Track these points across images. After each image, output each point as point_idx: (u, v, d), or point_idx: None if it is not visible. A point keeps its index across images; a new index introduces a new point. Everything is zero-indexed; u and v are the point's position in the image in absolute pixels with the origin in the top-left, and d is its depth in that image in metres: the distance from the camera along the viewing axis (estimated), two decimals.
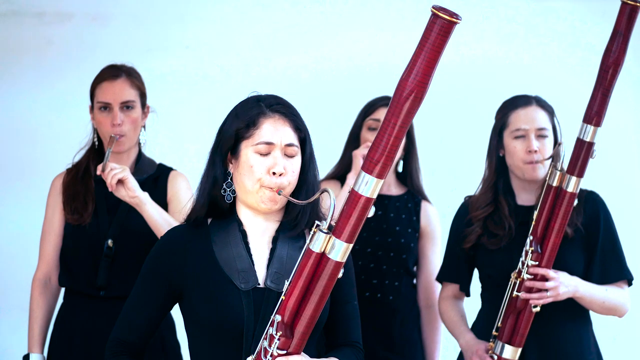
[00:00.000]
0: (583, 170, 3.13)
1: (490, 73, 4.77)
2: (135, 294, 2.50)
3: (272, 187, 2.40)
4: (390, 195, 3.78)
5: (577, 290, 3.18)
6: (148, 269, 2.49)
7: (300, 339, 2.28)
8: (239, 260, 2.42)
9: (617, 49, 3.02)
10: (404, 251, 3.70)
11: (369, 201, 2.20)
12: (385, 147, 2.15)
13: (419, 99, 2.14)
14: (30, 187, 4.28)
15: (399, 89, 2.14)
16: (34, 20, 4.61)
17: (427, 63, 2.13)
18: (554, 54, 4.83)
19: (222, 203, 2.47)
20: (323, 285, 2.26)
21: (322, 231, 2.24)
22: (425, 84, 2.13)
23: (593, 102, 3.09)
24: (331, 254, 2.24)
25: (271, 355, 2.27)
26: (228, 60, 4.70)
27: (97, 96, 3.42)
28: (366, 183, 2.18)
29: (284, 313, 2.27)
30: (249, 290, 2.39)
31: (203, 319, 2.40)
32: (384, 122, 2.15)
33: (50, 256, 3.44)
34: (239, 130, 2.43)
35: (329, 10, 4.74)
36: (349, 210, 2.20)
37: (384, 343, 3.68)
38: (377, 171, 2.17)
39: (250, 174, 2.41)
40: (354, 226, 2.22)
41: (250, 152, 2.42)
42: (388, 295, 3.69)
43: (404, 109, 2.14)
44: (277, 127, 2.42)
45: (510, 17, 4.85)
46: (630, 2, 2.97)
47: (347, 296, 2.51)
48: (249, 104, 2.46)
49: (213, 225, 2.48)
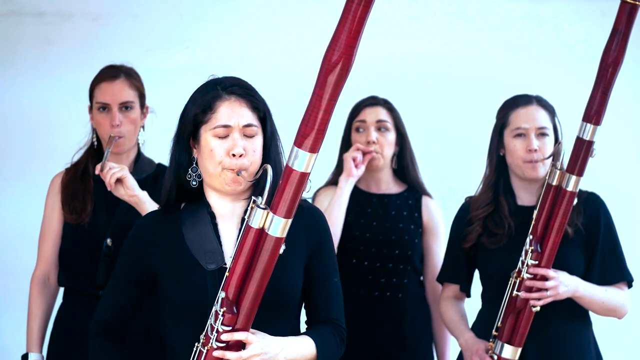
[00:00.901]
0: (583, 169, 3.13)
1: (490, 72, 4.77)
2: (113, 277, 2.57)
3: (233, 168, 2.43)
4: (390, 193, 3.78)
5: (576, 290, 3.18)
6: (123, 253, 2.56)
7: (246, 315, 2.31)
8: (207, 241, 2.46)
9: (617, 48, 3.02)
10: (409, 247, 3.71)
11: (304, 176, 2.22)
12: (314, 120, 2.18)
13: (344, 72, 2.15)
14: (30, 186, 4.28)
15: (324, 63, 2.16)
16: (34, 20, 4.61)
17: (352, 35, 2.13)
18: (554, 53, 4.82)
19: (190, 187, 2.51)
20: (265, 261, 2.29)
21: (259, 207, 2.27)
22: (350, 56, 2.14)
23: (593, 101, 3.08)
24: (270, 230, 2.27)
25: (217, 332, 2.30)
26: (228, 61, 4.70)
27: (96, 96, 3.42)
28: (298, 158, 2.21)
29: (229, 289, 2.31)
30: (214, 270, 2.43)
31: (172, 300, 2.45)
32: (312, 97, 2.18)
33: (49, 255, 3.45)
34: (197, 116, 2.47)
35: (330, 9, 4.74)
36: (284, 186, 2.23)
37: (396, 343, 3.68)
38: (308, 145, 2.19)
39: (211, 157, 2.44)
40: (290, 201, 2.24)
41: (209, 136, 2.45)
42: (397, 293, 3.69)
43: (329, 82, 2.15)
44: (234, 109, 2.45)
45: (510, 17, 4.85)
46: (630, 1, 2.96)
47: (327, 273, 2.52)
48: (206, 88, 2.50)
49: (185, 210, 2.52)
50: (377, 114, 3.74)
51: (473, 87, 4.76)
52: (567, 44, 4.83)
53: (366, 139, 3.70)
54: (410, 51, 4.82)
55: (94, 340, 2.56)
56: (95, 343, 2.56)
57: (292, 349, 2.38)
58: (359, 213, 3.72)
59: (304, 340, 2.43)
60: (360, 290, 3.68)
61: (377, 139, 3.70)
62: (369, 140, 3.69)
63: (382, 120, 3.73)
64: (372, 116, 3.74)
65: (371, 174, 3.75)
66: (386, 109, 3.77)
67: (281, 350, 2.36)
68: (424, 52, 4.83)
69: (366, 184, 3.77)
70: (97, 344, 2.56)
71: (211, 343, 2.32)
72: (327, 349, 2.46)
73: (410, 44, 4.82)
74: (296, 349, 2.40)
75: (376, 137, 3.70)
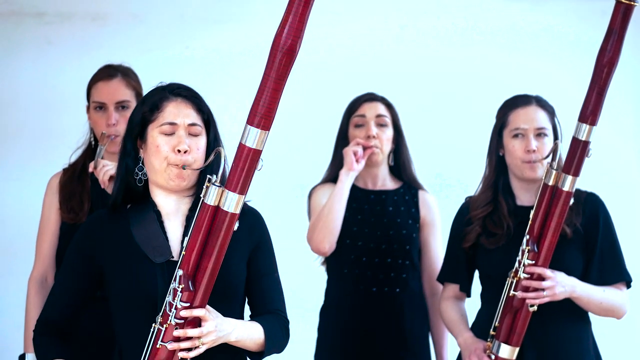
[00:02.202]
0: (579, 169, 3.13)
1: (489, 72, 4.77)
2: (60, 274, 2.64)
3: (178, 164, 2.52)
4: (386, 189, 3.78)
5: (574, 290, 3.18)
6: (71, 249, 2.63)
7: (203, 292, 2.41)
8: (154, 237, 2.54)
9: (612, 48, 3.02)
10: (407, 242, 3.71)
11: (257, 153, 2.35)
12: (265, 99, 2.33)
13: (292, 52, 2.32)
14: (30, 186, 4.28)
15: (274, 45, 2.33)
16: (34, 20, 4.62)
17: (299, 18, 2.31)
18: (554, 53, 4.82)
19: (137, 187, 2.59)
20: (220, 237, 2.39)
21: (214, 185, 2.38)
22: (297, 38, 2.33)
23: (588, 101, 3.08)
24: (225, 206, 2.38)
25: (175, 308, 2.39)
26: (228, 61, 4.70)
27: (92, 96, 3.44)
28: (251, 135, 2.35)
29: (186, 267, 2.40)
30: (163, 263, 2.51)
31: (121, 294, 2.52)
32: (263, 77, 2.34)
33: (46, 256, 3.45)
34: (144, 114, 2.57)
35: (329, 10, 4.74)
36: (237, 163, 2.36)
37: (394, 338, 3.68)
38: (260, 122, 2.34)
39: (157, 153, 2.53)
40: (244, 178, 2.37)
41: (156, 134, 2.55)
42: (395, 288, 3.69)
43: (277, 62, 2.33)
44: (180, 109, 2.56)
45: (509, 17, 4.85)
46: (625, 1, 2.96)
47: (268, 269, 2.63)
48: (154, 91, 2.62)
49: (131, 210, 2.61)
50: (376, 109, 3.74)
51: (473, 86, 4.76)
52: (567, 43, 4.83)
53: (366, 133, 3.69)
54: (409, 50, 4.82)
55: (38, 339, 2.62)
56: (38, 341, 2.62)
57: (242, 330, 2.49)
58: (356, 209, 3.72)
59: (252, 324, 2.53)
60: (359, 286, 3.68)
61: (377, 134, 3.70)
62: (369, 134, 3.68)
63: (382, 115, 3.73)
64: (371, 111, 3.73)
65: (368, 170, 3.74)
66: (385, 105, 3.77)
67: (233, 329, 2.47)
68: (422, 51, 4.83)
69: (363, 180, 3.77)
70: (40, 341, 2.62)
71: (170, 320, 2.40)
72: (274, 335, 2.56)
73: (409, 43, 4.82)
74: (246, 330, 2.51)
75: (376, 132, 3.69)
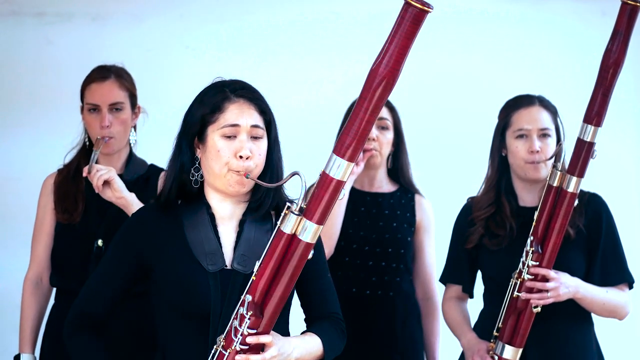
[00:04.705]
0: (584, 171, 3.13)
1: (491, 73, 4.77)
2: (104, 265, 2.55)
3: (240, 170, 2.44)
4: (383, 192, 3.77)
5: (577, 291, 3.18)
6: (119, 240, 2.55)
7: (270, 319, 2.35)
8: (207, 242, 2.47)
9: (617, 49, 3.02)
10: (401, 246, 3.70)
11: (340, 184, 2.27)
12: (357, 131, 2.23)
13: (390, 85, 2.22)
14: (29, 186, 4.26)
15: (371, 75, 2.22)
16: (34, 20, 4.61)
17: (399, 50, 2.21)
18: (555, 54, 4.82)
19: (190, 187, 2.52)
20: (293, 266, 2.33)
21: (293, 213, 2.30)
22: (396, 70, 2.22)
23: (593, 103, 3.08)
24: (302, 235, 2.31)
25: (242, 335, 2.32)
26: (228, 61, 4.70)
27: (86, 97, 3.42)
28: (338, 166, 2.26)
29: (255, 293, 2.33)
30: (216, 272, 2.45)
31: (170, 299, 2.45)
32: (356, 107, 2.23)
33: (41, 256, 3.45)
34: (204, 116, 2.48)
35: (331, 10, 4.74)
36: (321, 193, 2.27)
37: (388, 343, 3.68)
38: (348, 154, 2.24)
39: (218, 158, 2.45)
40: (325, 208, 2.29)
41: (216, 137, 2.46)
42: (388, 292, 3.68)
43: (376, 95, 2.22)
44: (242, 110, 2.47)
45: (510, 17, 4.85)
46: (631, 2, 2.96)
47: (320, 271, 2.57)
48: (214, 89, 2.51)
49: (183, 208, 2.53)
50: None
51: (473, 87, 4.76)
52: (567, 43, 4.83)
53: None
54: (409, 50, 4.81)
55: (77, 334, 2.53)
56: (74, 338, 2.54)
57: (302, 347, 2.45)
58: (352, 211, 3.71)
59: (310, 338, 2.48)
60: (352, 289, 3.67)
61: (377, 137, 3.69)
62: (370, 137, 3.68)
63: (383, 118, 3.72)
64: None
65: (366, 172, 3.73)
66: (387, 107, 3.75)
67: (293, 349, 2.42)
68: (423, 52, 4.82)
69: (360, 182, 3.76)
70: (80, 338, 2.53)
71: (235, 345, 2.34)
72: (332, 343, 2.53)
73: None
74: (305, 346, 2.46)
75: (376, 135, 3.69)
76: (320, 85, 4.75)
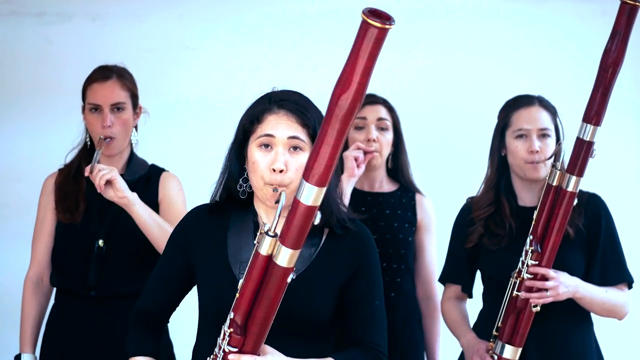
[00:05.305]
0: (583, 170, 3.13)
1: (491, 73, 4.77)
2: (158, 265, 2.53)
3: (273, 184, 2.35)
4: (383, 192, 3.77)
5: (577, 290, 3.18)
6: (170, 242, 2.53)
7: (253, 339, 2.23)
8: (245, 250, 2.41)
9: (617, 49, 3.01)
10: (402, 246, 3.70)
11: (311, 209, 2.12)
12: (324, 156, 2.08)
13: (353, 110, 2.04)
14: (30, 186, 4.27)
15: (334, 99, 2.05)
16: (34, 20, 4.61)
17: (363, 72, 2.02)
18: (554, 54, 4.82)
19: (238, 197, 2.45)
20: (272, 289, 2.20)
21: (268, 235, 2.18)
22: (361, 94, 2.03)
23: (592, 102, 3.08)
24: (277, 260, 2.18)
25: (223, 351, 2.25)
26: (228, 61, 4.70)
27: (87, 97, 3.42)
28: (308, 192, 2.12)
29: (236, 311, 2.23)
30: None
31: (200, 300, 2.43)
32: (321, 132, 2.07)
33: (42, 256, 3.45)
34: (245, 126, 2.42)
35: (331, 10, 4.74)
36: (291, 218, 2.15)
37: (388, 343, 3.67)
38: (315, 181, 2.09)
39: (255, 170, 2.38)
40: (298, 233, 2.14)
41: (254, 148, 2.39)
42: (389, 292, 3.68)
43: (339, 121, 2.06)
44: (280, 121, 2.38)
45: (510, 17, 4.85)
46: (630, 2, 2.96)
47: (366, 296, 2.42)
48: (259, 100, 2.44)
49: (234, 213, 2.48)
50: (377, 112, 3.72)
51: (473, 87, 4.76)
52: (567, 43, 4.83)
53: (366, 136, 3.68)
54: (409, 50, 4.82)
55: (134, 327, 2.53)
56: (134, 330, 2.53)
57: None
58: (353, 211, 3.70)
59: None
60: None
61: (377, 138, 3.69)
62: (370, 138, 3.67)
63: (383, 118, 3.72)
64: (373, 114, 3.72)
65: (366, 173, 3.73)
66: (386, 107, 3.75)
67: None
68: (422, 52, 4.83)
69: (360, 182, 3.75)
70: (136, 331, 2.53)
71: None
72: None
73: (408, 43, 4.82)
74: None
75: (376, 136, 3.68)
76: (320, 85, 4.74)
